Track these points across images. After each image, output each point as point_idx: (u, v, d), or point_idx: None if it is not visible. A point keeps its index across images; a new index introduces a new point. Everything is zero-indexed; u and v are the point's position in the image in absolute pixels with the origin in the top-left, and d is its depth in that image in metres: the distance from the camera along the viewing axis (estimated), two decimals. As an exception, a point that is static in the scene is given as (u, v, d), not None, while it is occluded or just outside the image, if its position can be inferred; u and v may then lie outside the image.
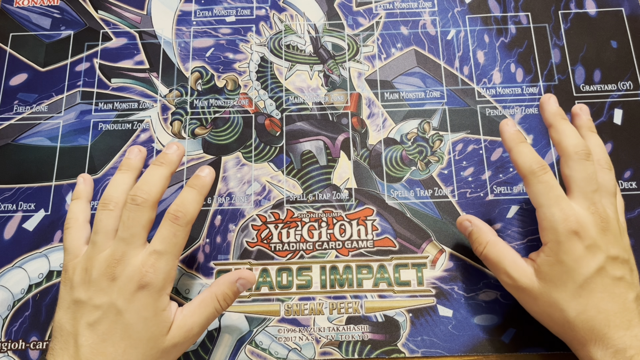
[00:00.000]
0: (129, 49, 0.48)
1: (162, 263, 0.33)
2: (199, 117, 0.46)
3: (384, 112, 0.45)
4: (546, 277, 0.34)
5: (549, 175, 0.34)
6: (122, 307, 0.31)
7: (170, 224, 0.33)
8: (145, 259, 0.32)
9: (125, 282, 0.32)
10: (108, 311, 0.31)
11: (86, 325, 0.31)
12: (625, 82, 0.45)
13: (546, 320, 0.35)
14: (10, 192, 0.44)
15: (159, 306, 0.32)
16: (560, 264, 0.33)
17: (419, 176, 0.43)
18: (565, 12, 0.48)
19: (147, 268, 0.32)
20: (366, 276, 0.41)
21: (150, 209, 0.34)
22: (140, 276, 0.32)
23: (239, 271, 0.36)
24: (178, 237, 0.33)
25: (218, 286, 0.35)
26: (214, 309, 0.34)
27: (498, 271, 0.36)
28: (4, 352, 0.39)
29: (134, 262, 0.32)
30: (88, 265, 0.33)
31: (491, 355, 0.38)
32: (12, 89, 0.47)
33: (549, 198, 0.34)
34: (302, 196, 0.43)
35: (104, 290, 0.32)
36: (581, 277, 0.33)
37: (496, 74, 0.46)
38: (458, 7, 0.49)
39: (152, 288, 0.32)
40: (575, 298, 0.33)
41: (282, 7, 0.49)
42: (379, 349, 0.39)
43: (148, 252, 0.33)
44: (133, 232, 0.33)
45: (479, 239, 0.37)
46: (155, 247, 0.33)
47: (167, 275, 0.33)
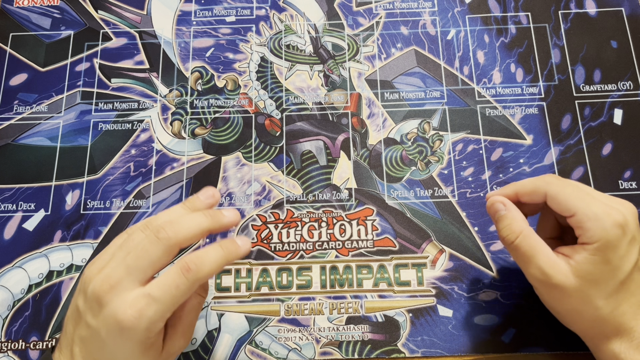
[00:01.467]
0: (129, 49, 0.48)
1: (151, 312, 0.29)
2: (199, 117, 0.46)
3: (384, 112, 0.45)
4: (587, 275, 0.32)
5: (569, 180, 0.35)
6: (105, 340, 0.29)
7: (177, 273, 0.30)
8: (136, 299, 0.29)
9: (110, 314, 0.29)
10: (95, 335, 0.30)
11: (79, 338, 0.31)
12: (625, 82, 0.45)
13: (574, 317, 0.34)
14: (10, 192, 0.44)
15: (142, 348, 0.30)
16: (606, 263, 0.31)
17: (419, 176, 0.43)
18: (565, 12, 0.48)
19: (132, 312, 0.29)
20: (366, 276, 0.41)
21: (166, 250, 0.30)
22: (123, 318, 0.29)
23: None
24: (179, 290, 0.30)
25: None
26: (198, 304, 0.33)
27: (528, 265, 0.33)
28: (4, 352, 0.39)
29: (124, 297, 0.29)
30: (92, 276, 0.31)
31: (491, 355, 0.38)
32: (12, 89, 0.47)
33: (583, 198, 0.32)
34: (302, 196, 0.43)
35: (94, 313, 0.30)
36: (623, 274, 0.32)
37: (496, 74, 0.46)
38: (458, 7, 0.49)
39: (132, 334, 0.29)
40: (613, 295, 0.32)
41: (282, 7, 0.49)
42: (379, 349, 0.39)
43: (141, 294, 0.29)
44: (139, 264, 0.30)
45: (512, 226, 0.34)
46: (151, 290, 0.29)
47: (150, 325, 0.29)
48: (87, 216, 0.43)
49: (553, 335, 0.38)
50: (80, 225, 0.42)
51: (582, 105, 0.45)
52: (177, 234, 0.31)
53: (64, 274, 0.41)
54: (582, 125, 0.44)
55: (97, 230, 0.42)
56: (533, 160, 0.43)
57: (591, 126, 0.44)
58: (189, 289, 0.30)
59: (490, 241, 0.41)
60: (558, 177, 0.35)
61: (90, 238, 0.42)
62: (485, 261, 0.41)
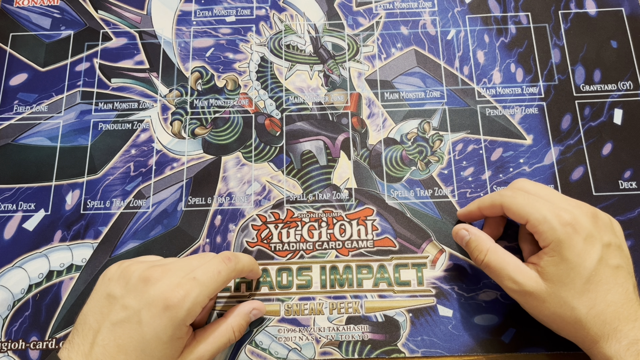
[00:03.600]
0: (129, 49, 0.48)
1: (195, 292, 0.32)
2: (199, 117, 0.46)
3: (384, 112, 0.45)
4: (553, 277, 0.33)
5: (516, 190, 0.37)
6: (144, 320, 0.31)
7: (219, 261, 0.34)
8: (183, 281, 0.32)
9: (156, 293, 0.32)
10: (132, 317, 0.31)
11: (109, 324, 0.31)
12: (625, 82, 0.45)
13: (556, 322, 0.34)
14: (10, 192, 0.44)
15: (176, 333, 0.32)
16: (564, 262, 0.33)
17: (419, 176, 0.43)
18: (565, 12, 0.48)
19: (179, 290, 0.32)
20: (366, 276, 0.41)
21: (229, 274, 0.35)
22: (170, 295, 0.31)
23: (252, 302, 0.38)
24: (221, 276, 0.34)
25: (234, 317, 0.36)
26: (227, 339, 0.35)
27: (501, 278, 0.35)
28: (4, 352, 0.39)
29: (171, 278, 0.32)
30: (136, 267, 0.33)
31: (491, 355, 0.38)
32: (12, 89, 0.47)
33: (532, 204, 0.35)
34: (302, 196, 0.43)
35: (137, 292, 0.32)
36: (586, 271, 0.33)
37: (496, 73, 0.46)
38: (458, 7, 0.49)
39: (175, 313, 0.31)
40: (584, 293, 0.33)
41: (282, 7, 0.49)
42: (379, 349, 0.39)
43: (187, 277, 0.33)
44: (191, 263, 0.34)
45: (479, 246, 0.37)
46: (196, 274, 0.33)
47: (192, 307, 0.32)
48: (87, 216, 0.43)
49: (553, 335, 0.38)
50: (80, 225, 0.42)
51: (582, 105, 0.45)
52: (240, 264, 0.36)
53: (64, 274, 0.41)
54: (582, 125, 0.44)
55: (97, 230, 0.42)
56: (533, 160, 0.43)
57: (591, 126, 0.44)
58: (229, 276, 0.34)
59: (490, 241, 0.41)
60: (514, 188, 0.37)
61: (90, 238, 0.42)
62: (485, 261, 0.41)
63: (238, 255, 0.36)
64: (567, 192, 0.42)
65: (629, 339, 0.31)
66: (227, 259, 0.35)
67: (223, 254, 0.35)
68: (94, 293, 0.34)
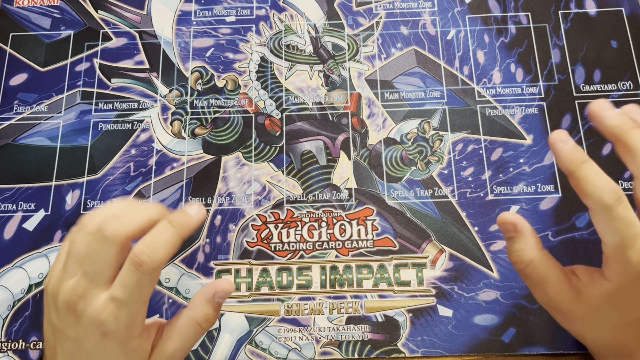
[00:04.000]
0: (129, 49, 0.48)
1: (124, 313, 0.28)
2: (199, 117, 0.46)
3: (384, 112, 0.45)
4: (594, 308, 0.30)
5: (624, 206, 0.28)
6: (90, 349, 0.29)
7: (132, 271, 0.28)
8: (106, 305, 0.28)
9: (88, 324, 0.28)
10: (78, 346, 0.29)
11: (62, 350, 0.30)
12: (625, 82, 0.45)
13: (576, 335, 0.34)
14: (10, 192, 0.44)
15: (128, 350, 0.29)
16: (615, 305, 0.30)
17: (419, 176, 0.43)
18: (565, 12, 0.48)
19: (106, 315, 0.28)
20: (366, 276, 0.41)
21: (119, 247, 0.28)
22: (100, 322, 0.28)
23: (213, 283, 0.31)
24: (141, 286, 0.28)
25: (195, 309, 0.31)
26: (195, 333, 0.31)
27: (536, 290, 0.32)
28: (4, 352, 0.39)
29: (95, 304, 0.28)
30: (56, 289, 0.29)
31: (491, 355, 0.38)
32: (12, 89, 0.47)
33: (627, 238, 0.28)
34: (302, 196, 0.43)
35: (72, 325, 0.29)
36: (632, 317, 0.30)
37: (496, 73, 0.46)
38: (458, 7, 0.49)
39: (115, 336, 0.28)
40: (618, 329, 0.31)
41: (282, 7, 0.49)
42: (379, 349, 0.39)
43: (108, 298, 0.28)
44: (96, 268, 0.28)
45: (522, 253, 0.31)
46: (115, 293, 0.28)
47: (130, 323, 0.28)
48: (87, 216, 0.43)
49: (553, 335, 0.38)
50: (80, 225, 0.42)
51: (582, 105, 0.45)
52: (124, 228, 0.28)
53: (64, 274, 0.41)
54: (582, 125, 0.44)
55: (97, 230, 0.42)
56: (533, 160, 0.43)
57: (591, 126, 0.44)
58: (150, 280, 0.28)
59: (490, 241, 0.41)
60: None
61: (90, 238, 0.42)
62: (485, 261, 0.41)
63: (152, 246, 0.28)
64: (567, 192, 0.42)
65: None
66: (139, 264, 0.27)
67: (132, 259, 0.28)
68: (44, 313, 0.31)
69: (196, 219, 0.30)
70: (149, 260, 0.27)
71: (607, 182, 0.29)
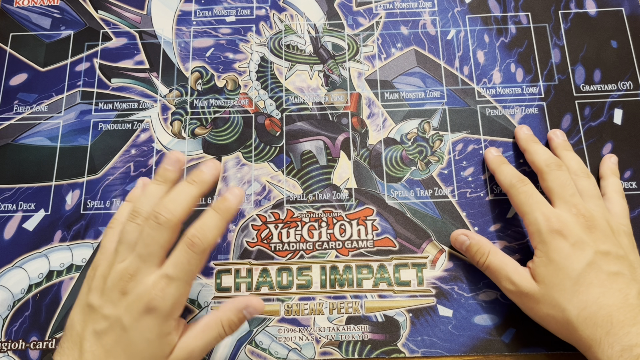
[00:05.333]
0: (129, 49, 0.48)
1: (172, 289, 0.31)
2: (199, 117, 0.46)
3: (384, 112, 0.45)
4: (543, 278, 0.35)
5: (528, 186, 0.38)
6: (128, 324, 0.31)
7: (185, 250, 0.32)
8: (156, 282, 0.31)
9: (134, 300, 0.31)
10: (114, 325, 0.31)
11: (93, 333, 0.31)
12: (625, 82, 0.45)
13: (551, 323, 0.35)
14: (10, 192, 0.44)
15: (163, 330, 0.31)
16: (551, 263, 0.34)
17: (419, 176, 0.43)
18: (565, 12, 0.48)
19: (156, 291, 0.31)
20: (366, 276, 0.41)
21: (172, 230, 0.32)
22: (149, 299, 0.31)
23: (247, 298, 0.34)
24: (192, 265, 0.32)
25: (224, 312, 0.34)
26: (217, 334, 0.33)
27: (500, 278, 0.37)
28: (4, 352, 0.39)
29: (146, 282, 0.31)
30: (106, 272, 0.33)
31: (491, 355, 0.38)
32: (12, 89, 0.47)
33: (530, 204, 0.36)
34: (302, 196, 0.43)
35: (114, 302, 0.31)
36: (574, 273, 0.33)
37: (496, 73, 0.46)
38: (458, 7, 0.49)
39: (158, 313, 0.31)
40: (575, 295, 0.33)
41: (282, 7, 0.49)
42: (379, 349, 0.39)
43: (160, 275, 0.32)
44: (150, 250, 0.32)
45: (481, 249, 0.38)
46: (167, 270, 0.32)
47: (175, 302, 0.32)
48: (87, 216, 0.43)
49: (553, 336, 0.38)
50: (81, 225, 0.42)
51: (582, 105, 0.45)
52: (175, 213, 0.32)
53: (64, 274, 0.41)
54: (582, 125, 0.44)
55: (97, 230, 0.42)
56: (533, 160, 0.43)
57: (591, 126, 0.44)
58: (200, 261, 0.32)
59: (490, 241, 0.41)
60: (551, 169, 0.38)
61: (91, 238, 0.42)
62: (485, 261, 0.41)
63: (203, 229, 0.32)
64: (567, 192, 0.42)
65: (622, 345, 0.30)
66: (192, 244, 0.32)
67: (186, 238, 0.32)
68: (79, 298, 0.33)
69: (236, 202, 0.34)
70: (200, 241, 0.32)
71: (515, 172, 0.39)
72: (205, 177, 0.34)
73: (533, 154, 0.40)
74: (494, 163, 0.41)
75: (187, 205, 0.33)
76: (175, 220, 0.32)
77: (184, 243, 0.32)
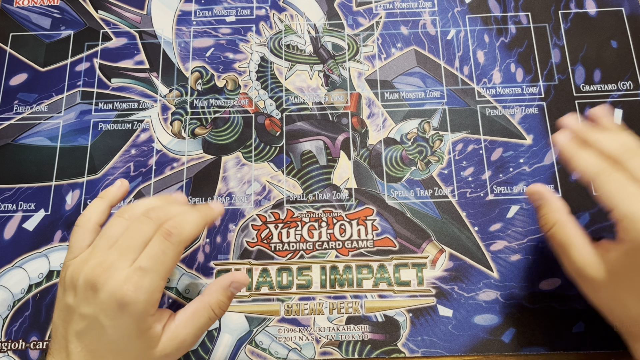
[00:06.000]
0: (129, 49, 0.48)
1: (146, 282, 0.30)
2: (199, 117, 0.46)
3: (384, 112, 0.45)
4: (618, 274, 0.31)
5: (619, 173, 0.32)
6: (105, 323, 0.30)
7: (161, 240, 0.31)
8: (129, 276, 0.30)
9: (107, 296, 0.30)
10: (93, 324, 0.30)
11: (74, 333, 0.31)
12: (625, 82, 0.45)
13: (605, 311, 0.33)
14: (10, 192, 0.44)
15: (141, 327, 0.30)
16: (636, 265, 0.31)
17: (419, 176, 0.43)
18: (565, 12, 0.48)
19: (129, 285, 0.30)
20: (366, 276, 0.41)
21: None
22: (121, 294, 0.30)
23: (230, 274, 0.34)
24: (167, 256, 0.31)
25: (210, 294, 0.33)
26: (208, 318, 0.33)
27: (562, 255, 0.34)
28: (4, 352, 0.39)
29: (118, 276, 0.30)
30: (78, 270, 0.31)
31: (491, 355, 0.38)
32: (12, 89, 0.47)
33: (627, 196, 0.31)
34: (302, 196, 0.43)
35: (88, 300, 0.30)
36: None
37: (496, 73, 0.46)
38: (458, 7, 0.49)
39: (132, 308, 0.30)
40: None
41: (282, 7, 0.49)
42: (379, 349, 0.39)
43: (133, 268, 0.30)
44: (131, 243, 0.31)
45: (547, 216, 0.35)
46: (140, 263, 0.31)
47: (149, 296, 0.30)
48: (87, 216, 0.43)
49: (553, 335, 0.38)
50: (80, 225, 0.42)
51: (582, 105, 0.45)
52: (168, 215, 0.33)
53: (64, 274, 0.41)
54: (582, 125, 0.44)
55: (97, 230, 0.42)
56: (533, 160, 0.43)
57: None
58: (176, 253, 0.32)
59: (490, 241, 0.41)
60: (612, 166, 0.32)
61: (90, 238, 0.42)
62: (485, 261, 0.41)
63: (180, 223, 0.32)
64: (567, 192, 0.42)
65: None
66: (168, 234, 0.31)
67: (162, 230, 0.32)
68: (57, 300, 0.33)
69: (217, 211, 0.36)
70: (177, 232, 0.31)
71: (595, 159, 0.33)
72: (214, 214, 0.36)
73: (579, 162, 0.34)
74: (569, 150, 0.35)
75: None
76: (163, 219, 0.32)
77: (160, 233, 0.31)
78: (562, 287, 0.40)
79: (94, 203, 0.36)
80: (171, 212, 0.33)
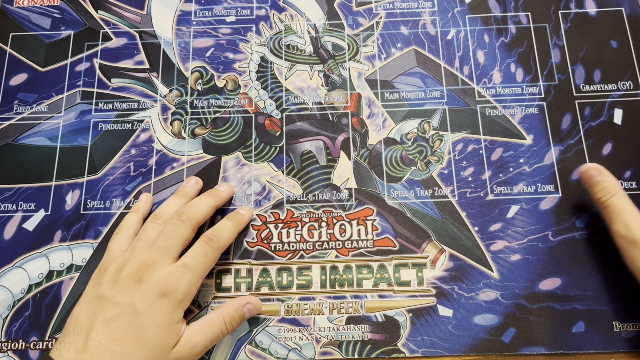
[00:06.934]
0: (129, 49, 0.48)
1: (187, 277, 0.35)
2: (199, 117, 0.46)
3: (384, 112, 0.45)
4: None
5: None
6: (141, 309, 0.33)
7: (203, 244, 0.37)
8: (174, 270, 0.35)
9: (150, 286, 0.34)
10: (126, 310, 0.33)
11: (102, 321, 0.32)
12: (625, 82, 0.45)
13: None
14: (10, 192, 0.44)
15: (173, 317, 0.34)
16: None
17: (419, 176, 0.43)
18: (565, 12, 0.48)
19: (172, 278, 0.34)
20: (366, 276, 0.41)
21: (191, 228, 0.37)
22: (165, 284, 0.34)
23: (247, 297, 0.39)
24: (208, 257, 0.36)
25: (226, 309, 0.37)
26: (219, 330, 0.36)
27: (616, 220, 0.37)
28: (4, 352, 0.39)
29: (162, 270, 0.35)
30: (121, 266, 0.35)
31: (491, 355, 0.38)
32: (12, 89, 0.47)
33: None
34: (302, 196, 0.43)
35: (128, 290, 0.34)
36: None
37: (496, 73, 0.46)
38: (458, 7, 0.49)
39: (172, 298, 0.34)
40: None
41: (282, 7, 0.49)
42: (379, 349, 0.39)
43: (177, 265, 0.35)
44: (170, 243, 0.36)
45: (608, 188, 0.38)
46: (185, 261, 0.36)
47: (188, 290, 0.35)
48: (87, 216, 0.43)
49: (553, 335, 0.38)
50: (81, 225, 0.42)
51: (582, 105, 0.45)
52: (196, 214, 0.38)
53: (64, 274, 0.41)
54: (582, 125, 0.44)
55: (97, 230, 0.42)
56: (533, 160, 0.43)
57: (591, 126, 0.44)
58: (215, 256, 0.37)
59: (490, 241, 0.41)
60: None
61: (90, 238, 0.42)
62: (485, 261, 0.41)
63: (219, 231, 0.38)
64: (567, 192, 0.42)
65: None
66: (210, 240, 0.37)
67: (204, 236, 0.37)
68: (84, 295, 0.35)
69: (247, 216, 0.41)
70: (217, 239, 0.37)
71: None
72: (222, 193, 0.41)
73: None
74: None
75: (206, 211, 0.39)
76: (196, 220, 0.38)
77: (202, 239, 0.37)
78: (562, 287, 0.40)
79: (130, 216, 0.40)
80: (197, 207, 0.38)
